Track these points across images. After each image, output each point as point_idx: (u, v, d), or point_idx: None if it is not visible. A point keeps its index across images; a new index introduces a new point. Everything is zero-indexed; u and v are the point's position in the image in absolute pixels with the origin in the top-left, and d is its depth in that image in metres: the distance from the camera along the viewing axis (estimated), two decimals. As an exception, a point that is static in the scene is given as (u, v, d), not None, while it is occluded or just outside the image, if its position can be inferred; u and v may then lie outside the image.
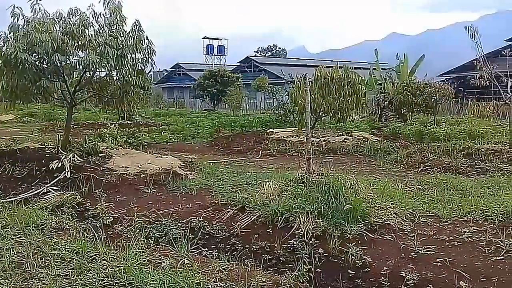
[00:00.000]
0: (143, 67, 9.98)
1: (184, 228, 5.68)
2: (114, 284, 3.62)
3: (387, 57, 39.82)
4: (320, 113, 15.90)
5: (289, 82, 24.16)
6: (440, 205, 6.58)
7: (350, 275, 4.56)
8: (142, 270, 3.68)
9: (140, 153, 10.58)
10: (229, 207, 6.27)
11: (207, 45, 67.92)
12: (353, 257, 4.76)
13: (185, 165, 9.94)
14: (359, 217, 5.51)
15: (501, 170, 9.14)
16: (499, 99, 12.74)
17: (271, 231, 5.43)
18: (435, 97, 19.31)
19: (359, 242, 5.08)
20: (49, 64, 9.31)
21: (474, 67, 12.23)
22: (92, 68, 9.50)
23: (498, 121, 18.58)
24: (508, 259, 4.65)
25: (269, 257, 5.00)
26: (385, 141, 14.36)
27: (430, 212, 6.25)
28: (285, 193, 6.15)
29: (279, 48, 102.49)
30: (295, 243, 5.08)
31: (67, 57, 9.28)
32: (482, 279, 4.28)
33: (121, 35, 9.47)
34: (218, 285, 3.75)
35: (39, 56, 9.04)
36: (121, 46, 9.27)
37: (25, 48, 8.55)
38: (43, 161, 8.63)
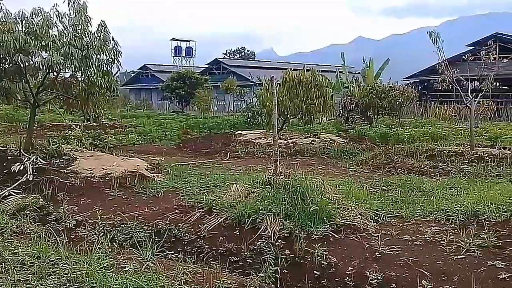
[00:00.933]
0: (108, 68, 9.83)
1: (150, 231, 5.61)
2: (76, 288, 3.54)
3: (353, 61, 40.48)
4: (288, 115, 16.01)
5: (257, 85, 24.26)
6: (403, 205, 6.75)
7: (316, 275, 4.60)
8: (105, 274, 3.61)
9: (106, 155, 10.40)
10: (196, 209, 6.23)
11: (175, 46, 67.40)
12: (319, 257, 4.80)
13: (152, 167, 9.83)
14: (325, 218, 5.56)
15: (462, 171, 9.43)
16: (461, 102, 13.11)
17: (238, 233, 5.43)
18: (400, 100, 19.75)
19: (325, 242, 5.13)
20: (11, 65, 9.08)
21: (437, 71, 12.55)
22: (56, 69, 9.30)
23: (460, 123, 19.14)
24: (468, 257, 4.79)
25: (236, 259, 5.00)
26: (351, 143, 14.59)
27: (394, 213, 6.40)
28: (253, 195, 6.16)
29: (248, 51, 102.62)
30: (262, 244, 5.09)
31: (30, 57, 9.06)
32: (443, 278, 4.38)
33: (86, 35, 9.32)
34: (183, 288, 3.72)
35: (1, 56, 8.79)
36: (86, 46, 9.12)
37: (-15, 48, 8.30)
38: (5, 164, 8.38)
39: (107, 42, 9.48)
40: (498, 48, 37.76)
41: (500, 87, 45.05)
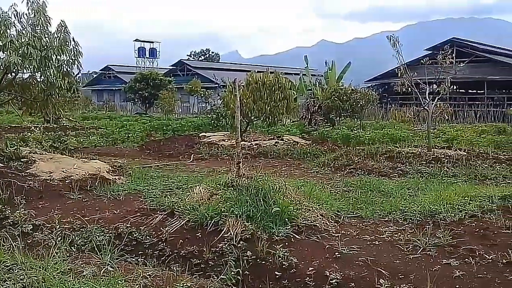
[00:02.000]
0: (69, 69, 9.64)
1: (110, 234, 5.53)
2: (32, 294, 3.46)
3: (317, 64, 41.01)
4: (252, 117, 16.08)
5: (221, 86, 24.23)
6: (363, 206, 6.89)
7: (277, 276, 4.65)
8: (62, 279, 3.54)
9: (66, 157, 10.16)
10: (158, 212, 6.17)
11: (138, 47, 66.49)
12: (280, 258, 4.85)
13: (114, 169, 9.68)
14: (286, 219, 5.62)
15: (420, 172, 9.71)
16: (419, 105, 13.49)
17: (200, 235, 5.42)
18: (361, 103, 20.16)
19: (286, 243, 5.19)
20: (-34, 65, 8.77)
21: (396, 74, 12.89)
22: (14, 70, 9.04)
23: (419, 125, 19.67)
24: (424, 256, 4.94)
25: (198, 261, 4.98)
26: (314, 144, 14.78)
27: (354, 213, 6.54)
28: (215, 197, 6.16)
29: (212, 53, 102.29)
30: (224, 246, 5.10)
31: (-13, 58, 8.77)
32: (400, 276, 4.50)
33: (46, 36, 9.09)
34: (142, 291, 3.69)
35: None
36: (45, 47, 8.90)
37: None
38: (-42, 167, 8.07)
39: (67, 43, 9.30)
40: (455, 52, 39.06)
41: (457, 90, 46.61)
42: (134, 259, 4.84)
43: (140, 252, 5.23)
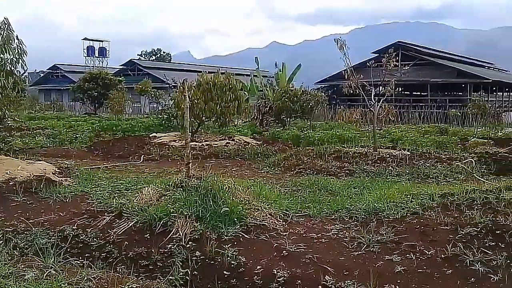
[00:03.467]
0: (13, 68, 9.33)
1: (55, 237, 5.39)
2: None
3: (269, 65, 41.35)
4: (203, 118, 16.04)
5: (173, 87, 24.01)
6: (311, 205, 7.04)
7: (226, 275, 4.68)
8: (3, 283, 3.44)
9: (10, 159, 9.78)
10: (105, 214, 6.07)
11: (87, 46, 64.87)
12: (229, 258, 4.89)
13: (60, 171, 9.42)
14: (235, 219, 5.67)
15: (366, 171, 10.00)
16: (366, 106, 13.92)
17: (148, 237, 5.38)
18: (311, 104, 20.54)
19: (235, 243, 5.24)
20: None
21: (344, 76, 13.23)
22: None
23: (366, 126, 20.29)
24: (368, 253, 5.11)
25: (146, 262, 4.94)
26: (265, 145, 14.92)
27: (302, 212, 6.66)
28: (164, 197, 6.13)
29: (164, 53, 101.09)
30: (172, 247, 5.09)
31: None
32: (345, 273, 4.64)
33: (-13, 34, 8.76)
34: (86, 294, 3.63)
35: None
36: (-14, 45, 8.58)
37: None
38: None
39: (10, 41, 9.01)
40: (400, 55, 40.49)
41: (403, 92, 48.35)
42: (79, 262, 4.74)
43: (86, 255, 5.13)
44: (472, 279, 4.38)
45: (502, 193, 6.23)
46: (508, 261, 4.59)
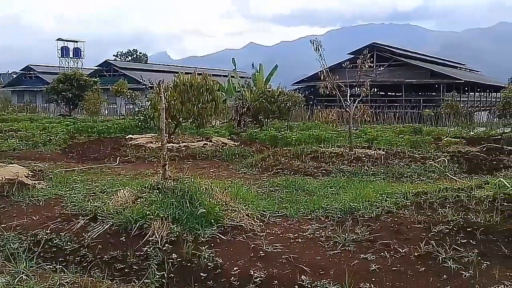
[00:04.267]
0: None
1: (28, 241, 5.29)
2: None
3: (246, 66, 41.42)
4: (180, 119, 15.96)
5: (149, 88, 23.82)
6: (288, 205, 7.07)
7: (202, 277, 4.67)
8: (-28, 290, 3.37)
9: (-20, 162, 9.58)
10: (80, 217, 5.99)
11: (61, 47, 63.87)
12: (205, 259, 4.88)
13: (34, 174, 9.24)
14: (212, 221, 5.66)
15: (342, 171, 10.10)
16: (342, 106, 14.06)
17: (124, 240, 5.32)
18: (288, 104, 20.63)
19: (212, 244, 5.23)
20: None
21: (320, 77, 13.33)
22: None
23: (343, 126, 20.47)
24: (344, 252, 5.16)
25: (122, 266, 4.88)
26: (242, 145, 14.92)
27: (279, 212, 6.69)
28: (140, 200, 6.07)
29: (140, 53, 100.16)
30: (148, 250, 5.05)
31: None
32: (321, 272, 4.68)
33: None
34: (58, 299, 3.58)
35: None
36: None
37: None
38: None
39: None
40: (375, 56, 41.13)
41: (378, 93, 49.01)
42: (52, 267, 4.67)
43: (60, 259, 5.04)
44: (445, 276, 4.47)
45: (473, 191, 6.39)
46: (479, 257, 4.70)
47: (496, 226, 5.27)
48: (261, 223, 6.10)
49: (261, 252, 5.08)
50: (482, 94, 56.14)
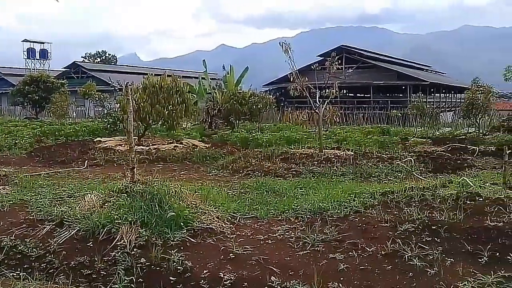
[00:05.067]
0: None
1: (-9, 249, 5.16)
2: None
3: (218, 68, 41.33)
4: (150, 121, 15.80)
5: (118, 90, 23.52)
6: (259, 206, 7.09)
7: (172, 281, 4.63)
8: None
9: None
10: (46, 223, 5.88)
11: (27, 48, 62.34)
12: (175, 263, 4.84)
13: (-3, 179, 9.00)
14: (182, 224, 5.63)
15: (312, 172, 10.21)
16: (312, 108, 14.20)
17: (92, 245, 5.24)
18: (259, 106, 20.69)
19: (182, 248, 5.20)
20: None
21: (290, 79, 13.44)
22: None
23: (314, 127, 20.65)
24: (313, 252, 5.21)
25: (89, 271, 4.80)
26: (213, 147, 14.90)
27: (250, 214, 6.70)
28: (108, 204, 6.00)
29: (109, 55, 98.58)
30: (117, 255, 4.98)
31: None
32: (290, 273, 4.71)
33: None
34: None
35: None
36: None
37: None
38: None
39: None
40: (344, 59, 41.69)
41: (347, 94, 49.69)
42: (16, 274, 4.55)
43: (25, 266, 4.93)
44: (410, 273, 4.56)
45: (438, 190, 6.56)
46: (444, 255, 4.83)
47: (459, 224, 5.43)
48: (231, 225, 6.11)
49: (231, 254, 5.09)
50: (447, 95, 57.58)
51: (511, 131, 18.48)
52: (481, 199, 6.09)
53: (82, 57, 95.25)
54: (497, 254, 4.74)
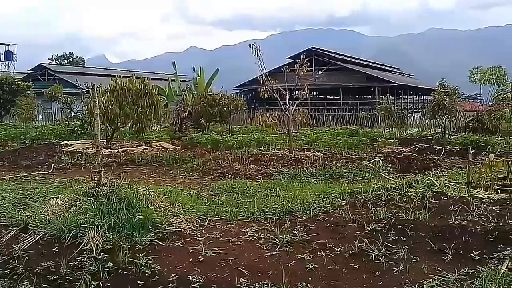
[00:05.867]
0: None
1: (-49, 257, 4.99)
2: None
3: (188, 70, 41.13)
4: (118, 124, 15.61)
5: (85, 92, 23.10)
6: (228, 208, 7.09)
7: (139, 285, 4.57)
8: None
9: None
10: (9, 228, 5.73)
11: (-9, 50, 60.78)
12: (142, 267, 4.78)
13: (-41, 184, 8.73)
14: (150, 227, 5.57)
15: (282, 173, 10.27)
16: (282, 110, 14.28)
17: (57, 250, 5.13)
18: (230, 108, 20.69)
19: (150, 251, 5.14)
20: None
21: (260, 81, 13.49)
22: None
23: (284, 129, 20.77)
24: (282, 253, 5.23)
25: (54, 277, 4.70)
26: (183, 150, 14.82)
27: (219, 216, 6.70)
28: (74, 208, 5.89)
29: (77, 56, 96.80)
30: (83, 260, 4.89)
31: None
32: (259, 274, 4.71)
33: None
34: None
35: None
36: None
37: None
38: None
39: None
40: (314, 61, 42.12)
41: (317, 96, 50.17)
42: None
43: (-13, 273, 4.80)
44: (377, 272, 4.63)
45: (404, 190, 6.70)
46: (409, 253, 4.93)
47: (425, 223, 5.55)
48: (200, 228, 6.08)
49: (200, 257, 5.06)
50: (415, 96, 58.83)
51: (476, 132, 19.02)
52: (446, 198, 6.26)
53: (48, 59, 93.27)
54: (461, 251, 4.86)
